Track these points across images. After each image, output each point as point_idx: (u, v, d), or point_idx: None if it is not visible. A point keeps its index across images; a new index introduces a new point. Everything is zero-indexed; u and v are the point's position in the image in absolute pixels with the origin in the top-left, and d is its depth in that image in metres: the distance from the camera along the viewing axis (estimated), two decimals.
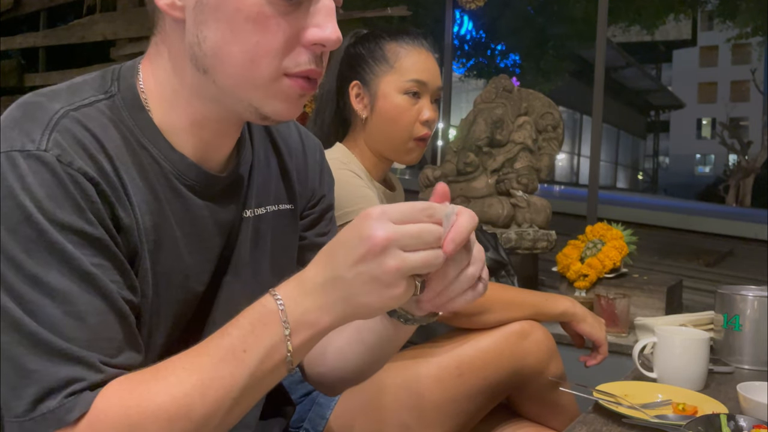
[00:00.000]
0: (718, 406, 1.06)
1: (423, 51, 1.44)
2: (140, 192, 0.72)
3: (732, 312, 1.38)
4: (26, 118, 0.68)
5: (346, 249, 0.62)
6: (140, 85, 0.76)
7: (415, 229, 0.61)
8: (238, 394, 0.64)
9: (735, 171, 21.51)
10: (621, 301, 1.81)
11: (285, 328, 0.64)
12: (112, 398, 0.61)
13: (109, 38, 5.01)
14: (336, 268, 0.63)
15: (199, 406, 0.62)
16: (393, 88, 1.42)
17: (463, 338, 1.28)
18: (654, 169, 34.67)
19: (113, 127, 0.72)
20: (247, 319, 0.65)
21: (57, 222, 0.64)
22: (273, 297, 0.65)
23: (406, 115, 1.42)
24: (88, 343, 0.63)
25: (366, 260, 0.61)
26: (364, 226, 0.61)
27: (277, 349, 0.64)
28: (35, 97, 0.71)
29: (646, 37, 16.75)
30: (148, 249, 0.73)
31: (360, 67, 1.45)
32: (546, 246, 2.48)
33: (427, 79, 1.43)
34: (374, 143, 1.45)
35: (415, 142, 1.44)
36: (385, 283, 0.62)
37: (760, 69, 24.99)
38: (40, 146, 0.65)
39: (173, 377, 0.63)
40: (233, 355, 0.64)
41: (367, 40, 1.48)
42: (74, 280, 0.63)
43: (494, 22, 13.18)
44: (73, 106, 0.70)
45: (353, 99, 1.45)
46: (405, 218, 0.61)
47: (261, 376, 0.65)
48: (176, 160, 0.76)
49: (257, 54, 0.69)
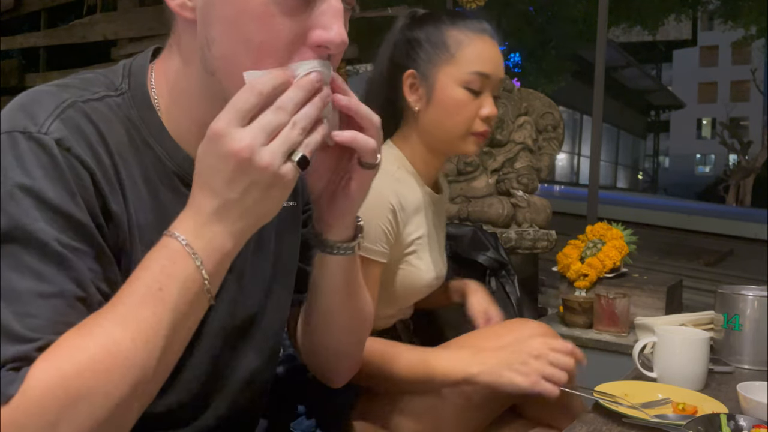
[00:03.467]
0: (718, 406, 1.06)
1: (487, 39, 1.31)
2: (138, 190, 0.73)
3: (732, 312, 1.38)
4: (34, 103, 0.69)
5: (219, 173, 0.65)
6: (151, 84, 0.77)
7: (266, 119, 0.64)
8: (167, 332, 0.64)
9: (735, 171, 21.51)
10: (621, 300, 1.81)
11: (195, 259, 0.65)
12: (42, 364, 0.60)
13: (109, 38, 5.01)
14: (219, 193, 0.65)
15: (132, 351, 0.61)
16: (452, 80, 1.28)
17: (473, 344, 1.26)
18: (654, 168, 34.68)
19: (119, 124, 0.73)
20: (153, 262, 0.65)
21: (47, 202, 0.64)
22: (172, 237, 0.66)
23: (465, 110, 1.29)
24: (49, 322, 0.62)
25: (241, 175, 0.64)
26: (220, 144, 0.64)
27: (193, 279, 0.65)
28: (47, 86, 0.72)
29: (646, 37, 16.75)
30: (143, 248, 0.73)
31: (416, 54, 1.31)
32: (546, 246, 2.48)
33: (491, 72, 1.30)
34: (428, 137, 1.33)
35: (473, 137, 1.32)
36: (268, 183, 0.65)
37: (760, 69, 24.99)
38: (42, 129, 0.66)
39: (99, 329, 0.62)
40: (151, 295, 0.63)
41: (425, 23, 1.33)
42: (50, 261, 0.63)
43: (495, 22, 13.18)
44: (82, 99, 0.71)
45: (407, 89, 1.32)
46: (249, 112, 0.65)
47: (184, 310, 0.65)
48: (181, 160, 0.76)
49: (262, 54, 0.68)
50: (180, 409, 0.80)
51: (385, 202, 1.23)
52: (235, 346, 0.85)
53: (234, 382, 0.86)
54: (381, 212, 1.22)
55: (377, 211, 1.21)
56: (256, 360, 0.88)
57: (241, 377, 0.87)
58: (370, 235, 1.20)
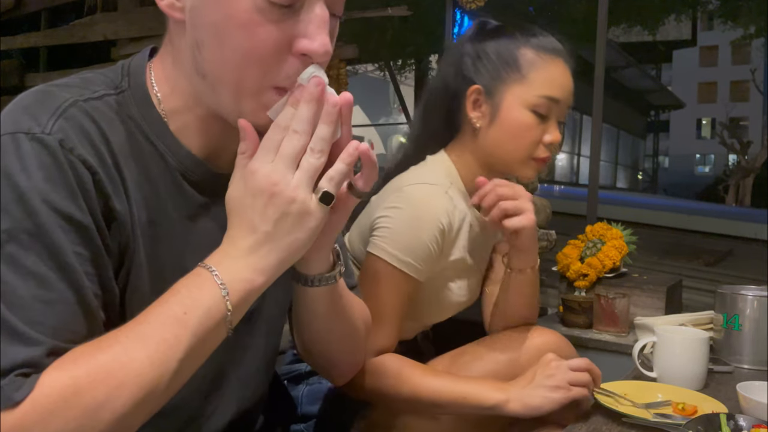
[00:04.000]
0: (718, 406, 1.06)
1: (561, 63, 1.25)
2: (140, 187, 0.73)
3: (732, 312, 1.38)
4: (36, 104, 0.69)
5: (252, 209, 0.68)
6: (152, 82, 0.77)
7: (286, 148, 0.68)
8: (183, 355, 0.65)
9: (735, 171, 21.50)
10: (621, 300, 1.81)
11: (222, 289, 0.67)
12: (54, 372, 0.61)
13: (110, 38, 5.01)
14: (253, 227, 0.68)
15: (148, 369, 0.62)
16: (520, 101, 1.22)
17: (486, 350, 1.26)
18: (654, 168, 34.67)
19: (120, 122, 0.73)
20: (183, 287, 0.67)
21: (49, 203, 0.64)
22: (204, 267, 0.68)
23: (530, 134, 1.23)
24: (53, 330, 0.62)
25: (273, 207, 0.67)
26: (251, 181, 0.68)
27: (218, 309, 0.67)
28: (48, 87, 0.72)
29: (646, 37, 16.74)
30: (144, 244, 0.73)
31: (484, 69, 1.25)
32: (546, 246, 2.48)
33: (561, 97, 1.24)
34: (486, 156, 1.27)
35: (533, 162, 1.26)
36: (298, 213, 0.68)
37: (760, 69, 24.98)
38: (45, 130, 0.66)
39: (118, 346, 0.63)
40: (174, 318, 0.65)
41: (497, 36, 1.27)
42: (52, 267, 0.63)
43: None
44: (83, 98, 0.71)
45: (470, 105, 1.26)
46: (274, 143, 0.68)
47: (203, 336, 0.66)
48: (183, 157, 0.77)
49: (247, 61, 0.69)
50: (181, 406, 0.80)
51: (436, 220, 1.19)
52: (236, 343, 0.85)
53: (234, 378, 0.86)
54: (430, 230, 1.18)
55: (427, 228, 1.18)
56: (257, 357, 0.89)
57: (242, 374, 0.87)
58: (414, 250, 1.17)
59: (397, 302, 1.18)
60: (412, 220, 1.18)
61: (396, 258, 1.16)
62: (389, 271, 1.17)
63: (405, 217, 1.18)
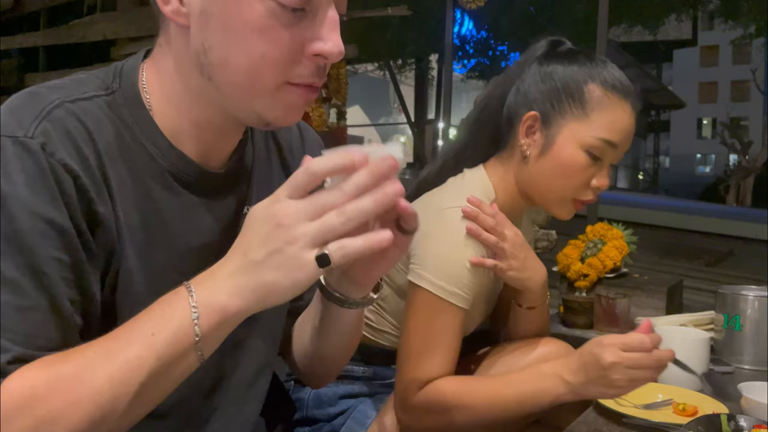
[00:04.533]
0: (719, 406, 1.06)
1: (628, 109, 1.18)
2: (128, 190, 0.73)
3: (732, 312, 1.38)
4: (23, 106, 0.69)
5: (256, 234, 0.64)
6: (143, 84, 0.77)
7: (320, 197, 0.62)
8: (146, 378, 0.63)
9: (735, 171, 21.48)
10: (621, 301, 1.80)
11: (193, 311, 0.64)
12: (16, 379, 0.61)
13: (109, 38, 5.01)
14: (247, 251, 0.64)
15: (107, 388, 0.62)
16: (577, 139, 1.16)
17: (491, 361, 1.25)
18: (654, 168, 34.63)
19: (109, 123, 0.73)
20: (158, 305, 0.65)
21: (29, 208, 0.64)
22: (185, 286, 0.66)
23: (579, 175, 1.17)
24: (24, 337, 0.62)
25: (272, 239, 0.63)
26: (268, 207, 0.64)
27: (185, 333, 0.64)
28: (38, 88, 0.72)
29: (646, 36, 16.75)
30: (135, 247, 0.73)
31: (546, 95, 1.18)
32: (546, 246, 2.47)
33: (619, 143, 1.17)
34: (527, 185, 1.22)
35: (573, 202, 1.21)
36: (293, 256, 0.62)
37: (760, 69, 24.97)
38: (28, 134, 0.66)
39: (82, 359, 0.62)
40: (142, 338, 0.63)
41: (567, 62, 1.20)
42: (27, 273, 0.63)
43: (495, 22, 13.18)
44: (70, 99, 0.71)
45: (523, 129, 1.20)
46: (299, 188, 0.63)
47: (169, 361, 0.64)
48: (174, 158, 0.76)
49: (262, 65, 0.69)
50: (180, 406, 0.80)
51: (479, 247, 1.15)
52: (236, 344, 0.84)
53: (234, 379, 0.86)
54: (471, 254, 1.14)
55: (470, 255, 1.14)
56: (256, 358, 0.88)
57: (241, 375, 0.87)
58: (460, 279, 1.12)
59: (446, 333, 1.13)
60: (454, 248, 1.14)
61: (442, 289, 1.12)
62: (436, 303, 1.13)
63: (447, 245, 1.14)
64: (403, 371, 1.14)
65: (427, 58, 16.38)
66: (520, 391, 1.09)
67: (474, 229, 1.14)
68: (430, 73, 17.53)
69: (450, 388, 1.11)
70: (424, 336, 1.13)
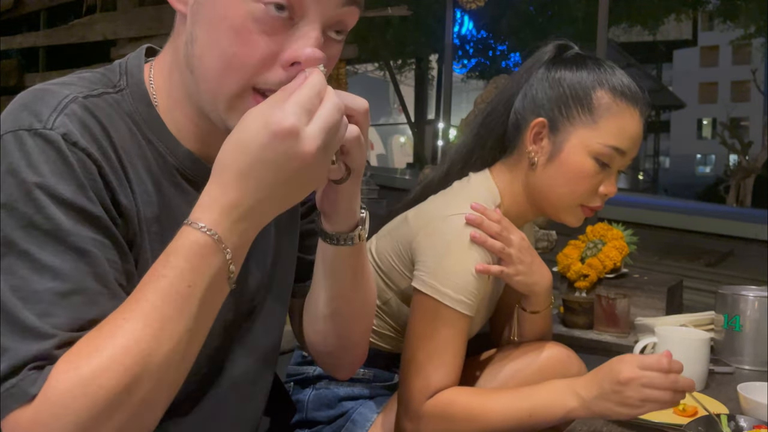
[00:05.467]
0: (719, 406, 1.06)
1: (636, 116, 1.17)
2: (143, 183, 0.73)
3: (732, 312, 1.38)
4: (36, 101, 0.69)
5: (273, 169, 0.63)
6: (150, 81, 0.77)
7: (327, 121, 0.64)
8: (193, 325, 0.63)
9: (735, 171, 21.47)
10: (621, 301, 1.80)
11: (226, 253, 0.64)
12: (61, 365, 0.60)
13: (109, 38, 5.01)
14: (264, 188, 0.64)
15: (156, 348, 0.61)
16: (584, 147, 1.15)
17: (502, 364, 1.25)
18: (654, 169, 34.66)
19: (120, 120, 0.73)
20: (180, 258, 0.63)
21: (58, 197, 0.64)
22: (200, 230, 0.64)
23: (587, 182, 1.17)
24: (69, 320, 0.62)
25: (298, 174, 0.64)
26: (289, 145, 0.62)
27: (222, 273, 0.65)
28: (47, 85, 0.72)
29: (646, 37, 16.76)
30: (150, 240, 0.73)
31: (553, 102, 1.18)
32: (546, 246, 2.48)
33: (627, 149, 1.17)
34: (534, 192, 1.21)
35: (581, 209, 1.20)
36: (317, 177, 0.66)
37: (760, 69, 24.97)
38: (47, 125, 0.66)
39: (119, 330, 0.61)
40: (177, 293, 0.62)
41: (575, 68, 1.19)
42: (68, 257, 0.63)
43: (495, 22, 13.19)
44: (83, 94, 0.71)
45: (530, 136, 1.19)
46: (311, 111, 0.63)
47: (210, 302, 0.65)
48: (182, 156, 0.77)
49: (232, 65, 0.69)
50: (179, 402, 0.79)
51: (484, 254, 1.13)
52: (236, 340, 0.85)
53: (234, 376, 0.86)
54: (477, 261, 1.12)
55: (475, 263, 1.12)
56: (257, 354, 0.88)
57: (242, 371, 0.86)
58: (465, 287, 1.11)
59: (452, 340, 1.12)
60: (460, 255, 1.13)
61: (448, 297, 1.11)
62: (442, 311, 1.11)
63: (452, 252, 1.13)
64: (408, 380, 1.13)
65: (427, 58, 16.40)
66: (533, 404, 1.07)
67: (479, 237, 1.13)
68: (430, 73, 17.54)
69: (461, 399, 1.10)
70: (429, 344, 1.11)
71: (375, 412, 1.24)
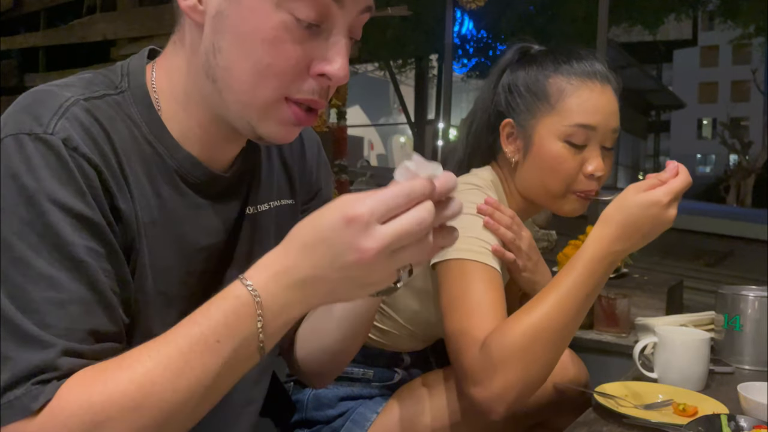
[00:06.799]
0: (719, 406, 1.06)
1: (595, 86, 1.18)
2: (142, 187, 0.73)
3: (733, 312, 1.38)
4: (37, 104, 0.69)
5: (332, 252, 0.60)
6: (152, 83, 0.77)
7: (404, 228, 0.58)
8: (211, 383, 0.63)
9: (736, 171, 21.49)
10: (621, 301, 1.80)
11: (258, 321, 0.62)
12: (74, 387, 0.60)
13: (109, 38, 5.00)
14: (319, 267, 0.61)
15: (170, 393, 0.61)
16: (551, 133, 1.18)
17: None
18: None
19: (121, 122, 0.73)
20: (218, 310, 0.63)
21: (58, 203, 0.64)
22: (246, 287, 0.63)
23: (566, 166, 1.18)
24: (66, 331, 0.62)
25: (355, 268, 0.60)
26: (353, 233, 0.58)
27: (252, 340, 0.63)
28: (48, 86, 0.72)
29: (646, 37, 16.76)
30: (148, 244, 0.73)
31: (515, 102, 1.22)
32: (547, 246, 2.47)
33: (597, 123, 1.17)
34: (525, 189, 1.24)
35: (575, 196, 1.20)
36: (374, 282, 0.62)
37: (760, 69, 24.98)
38: (48, 130, 0.66)
39: (139, 365, 0.61)
40: (205, 344, 0.62)
41: (529, 66, 1.23)
42: (63, 267, 0.63)
43: (495, 22, 13.18)
44: (84, 97, 0.71)
45: (504, 138, 1.24)
46: (392, 212, 0.59)
47: (234, 365, 0.63)
48: (182, 159, 0.77)
49: (266, 75, 0.70)
50: None
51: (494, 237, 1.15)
52: None
53: None
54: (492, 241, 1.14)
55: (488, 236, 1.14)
56: None
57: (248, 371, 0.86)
58: (481, 245, 1.11)
59: (487, 294, 1.07)
60: (474, 223, 1.14)
61: (471, 252, 1.10)
62: (468, 267, 1.09)
63: (466, 218, 1.13)
64: (457, 347, 1.06)
65: (427, 58, 16.38)
66: (572, 275, 1.00)
67: (492, 224, 1.14)
68: (431, 73, 17.52)
69: (512, 323, 1.00)
70: (465, 304, 1.06)
71: (375, 412, 1.24)
